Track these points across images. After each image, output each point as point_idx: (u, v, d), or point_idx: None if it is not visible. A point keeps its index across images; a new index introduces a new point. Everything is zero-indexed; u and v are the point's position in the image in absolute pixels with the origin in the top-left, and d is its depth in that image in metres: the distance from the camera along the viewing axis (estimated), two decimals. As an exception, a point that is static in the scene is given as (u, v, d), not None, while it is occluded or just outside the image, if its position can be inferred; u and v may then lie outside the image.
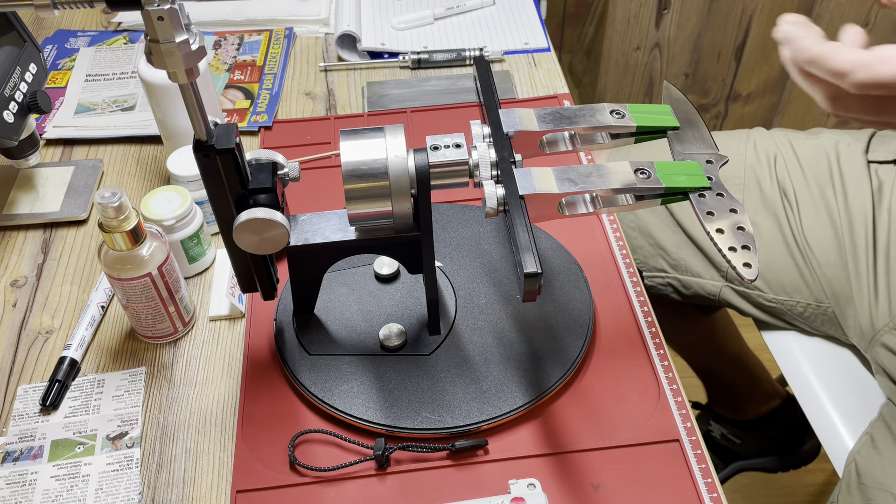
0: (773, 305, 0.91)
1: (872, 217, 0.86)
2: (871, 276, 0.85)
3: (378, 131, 0.58)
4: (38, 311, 0.76)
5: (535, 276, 0.49)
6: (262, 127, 0.94)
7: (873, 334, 0.84)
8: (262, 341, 0.71)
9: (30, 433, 0.66)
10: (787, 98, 1.70)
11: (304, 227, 0.63)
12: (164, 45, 0.47)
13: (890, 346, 0.81)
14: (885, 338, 0.82)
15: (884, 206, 0.86)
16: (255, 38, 1.09)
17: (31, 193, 0.86)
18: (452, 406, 0.63)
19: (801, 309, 0.90)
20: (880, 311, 0.83)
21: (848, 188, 0.88)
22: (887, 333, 0.82)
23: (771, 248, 0.90)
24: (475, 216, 0.79)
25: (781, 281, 0.90)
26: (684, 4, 1.54)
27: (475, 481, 0.60)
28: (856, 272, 0.86)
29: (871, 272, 0.85)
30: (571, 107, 0.61)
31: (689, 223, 0.93)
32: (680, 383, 0.66)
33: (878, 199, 0.86)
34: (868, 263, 0.85)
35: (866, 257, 0.85)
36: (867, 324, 0.84)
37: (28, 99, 0.79)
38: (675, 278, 0.97)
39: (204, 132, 0.54)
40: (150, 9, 0.46)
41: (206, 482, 0.63)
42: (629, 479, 0.60)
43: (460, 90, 0.98)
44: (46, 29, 1.13)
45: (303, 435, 0.63)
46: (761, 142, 0.96)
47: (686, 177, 0.57)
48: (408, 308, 0.70)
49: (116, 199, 0.62)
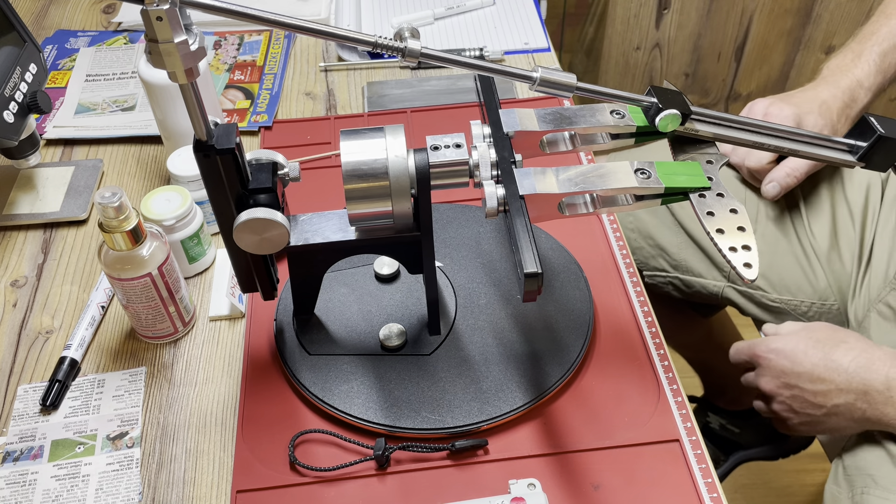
0: (777, 305, 0.91)
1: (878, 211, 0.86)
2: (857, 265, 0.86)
3: (378, 131, 0.58)
4: (38, 311, 0.76)
5: (536, 276, 0.49)
6: (262, 127, 0.94)
7: (858, 325, 0.85)
8: (262, 341, 0.71)
9: (30, 433, 0.66)
10: (787, 98, 1.70)
11: (304, 227, 0.63)
12: (163, 45, 0.47)
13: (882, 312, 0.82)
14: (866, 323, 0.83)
15: (887, 200, 0.86)
16: (256, 38, 1.09)
17: (32, 193, 0.86)
18: (452, 406, 0.63)
19: (805, 308, 0.90)
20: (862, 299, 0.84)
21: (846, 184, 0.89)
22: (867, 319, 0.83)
23: (774, 248, 0.90)
24: (475, 216, 0.79)
25: (785, 280, 0.90)
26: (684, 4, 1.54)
27: (475, 481, 0.60)
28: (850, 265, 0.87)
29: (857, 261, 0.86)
30: (572, 107, 0.61)
31: (691, 223, 0.93)
32: (680, 383, 0.66)
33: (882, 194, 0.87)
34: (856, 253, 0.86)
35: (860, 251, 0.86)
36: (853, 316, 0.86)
37: (28, 99, 0.79)
38: (676, 277, 0.97)
39: (204, 132, 0.54)
40: (150, 8, 0.46)
41: (206, 482, 0.63)
42: (629, 479, 0.60)
43: (460, 90, 0.98)
44: (46, 29, 1.13)
45: (303, 435, 0.63)
46: None
47: (686, 177, 0.57)
48: (408, 308, 0.70)
49: (116, 199, 0.62)
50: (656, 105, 0.56)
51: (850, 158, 0.61)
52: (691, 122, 0.58)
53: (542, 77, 0.53)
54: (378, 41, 0.51)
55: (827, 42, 1.58)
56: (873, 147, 0.59)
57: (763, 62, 1.64)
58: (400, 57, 0.52)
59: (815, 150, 0.61)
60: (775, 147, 0.60)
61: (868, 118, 0.60)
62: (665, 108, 0.56)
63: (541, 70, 0.53)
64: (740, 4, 1.54)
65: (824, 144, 0.61)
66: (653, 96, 0.57)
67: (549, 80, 0.54)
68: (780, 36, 1.58)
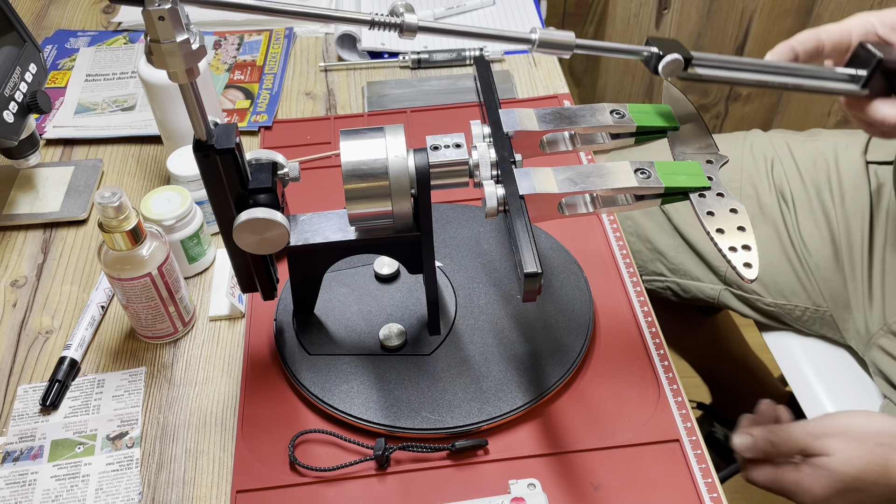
0: (772, 309, 0.91)
1: (870, 219, 0.85)
2: (866, 278, 0.84)
3: (378, 131, 0.58)
4: (38, 311, 0.76)
5: (535, 276, 0.49)
6: (262, 127, 0.94)
7: (869, 337, 0.84)
8: (262, 341, 0.71)
9: (30, 433, 0.66)
10: (787, 98, 1.70)
11: (304, 227, 0.63)
12: (164, 44, 0.47)
13: (886, 348, 0.81)
14: (880, 341, 0.82)
15: (882, 208, 0.85)
16: (255, 38, 1.09)
17: (31, 193, 0.86)
18: (452, 406, 0.63)
19: (798, 313, 0.89)
20: (875, 314, 0.83)
21: (846, 191, 0.88)
22: (882, 336, 0.82)
23: (769, 253, 0.90)
24: (475, 216, 0.79)
25: (779, 285, 0.89)
26: (684, 4, 1.54)
27: (475, 481, 0.60)
28: (852, 275, 0.85)
29: (867, 274, 0.85)
30: (571, 107, 0.61)
31: (687, 228, 0.93)
32: (680, 383, 0.66)
33: (877, 201, 0.86)
34: (863, 266, 0.85)
35: (861, 259, 0.85)
36: (863, 327, 0.84)
37: (28, 99, 0.79)
38: (673, 282, 0.96)
39: (204, 132, 0.54)
40: (152, 8, 0.46)
41: (206, 482, 0.63)
42: (629, 479, 0.60)
43: (460, 90, 0.98)
44: (46, 29, 1.13)
45: (303, 435, 0.63)
46: (758, 145, 0.95)
47: (686, 176, 0.57)
48: (408, 308, 0.70)
49: (116, 199, 0.62)
50: (656, 54, 0.57)
51: (853, 87, 0.61)
52: (693, 68, 0.58)
53: (540, 38, 0.54)
54: (375, 19, 0.51)
55: (827, 42, 1.58)
56: (874, 72, 0.60)
57: (763, 62, 1.64)
58: (398, 33, 0.52)
59: (818, 82, 0.61)
60: (779, 83, 0.60)
61: (866, 45, 0.61)
62: (666, 55, 0.56)
63: (539, 31, 0.54)
64: (740, 4, 1.54)
65: (827, 76, 0.61)
66: (652, 46, 0.57)
67: (547, 40, 0.54)
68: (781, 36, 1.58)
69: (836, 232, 0.87)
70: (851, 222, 0.86)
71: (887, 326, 0.81)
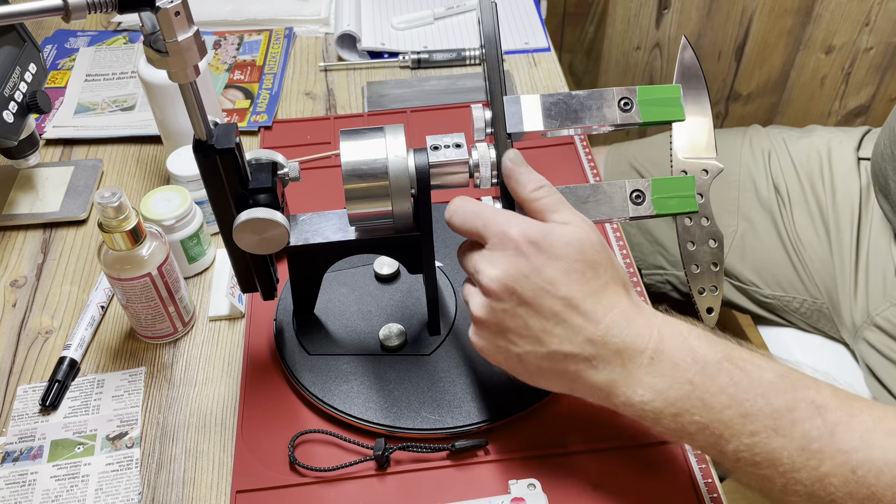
0: (770, 301, 0.92)
1: (859, 214, 0.87)
2: (853, 271, 0.85)
3: (378, 131, 0.57)
4: (37, 311, 0.76)
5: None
6: (262, 127, 0.94)
7: (856, 330, 0.85)
8: (262, 341, 0.70)
9: (29, 433, 0.66)
10: (787, 98, 1.70)
11: (304, 227, 0.63)
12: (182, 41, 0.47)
13: (870, 341, 0.82)
14: (865, 333, 0.83)
15: (870, 203, 0.87)
16: (255, 37, 1.09)
17: (31, 193, 0.86)
18: (452, 406, 0.63)
19: (797, 304, 0.90)
20: (859, 306, 0.84)
21: (837, 185, 0.89)
22: (867, 329, 0.83)
23: (766, 245, 0.91)
24: (475, 216, 0.79)
25: (777, 277, 0.90)
26: (684, 4, 1.54)
27: (475, 481, 0.60)
28: (841, 268, 0.86)
29: (854, 267, 0.86)
30: (579, 93, 0.58)
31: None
32: (680, 383, 0.66)
33: (866, 196, 0.87)
34: (851, 259, 0.86)
35: (850, 253, 0.86)
36: (849, 320, 0.85)
37: (28, 99, 0.79)
38: (673, 275, 0.97)
39: (204, 132, 0.54)
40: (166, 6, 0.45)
41: (206, 482, 0.63)
42: (629, 479, 0.60)
43: (460, 90, 0.98)
44: (46, 29, 1.13)
45: (303, 435, 0.63)
46: (757, 140, 0.97)
47: (678, 200, 0.57)
48: (408, 308, 0.70)
49: (116, 198, 0.62)
50: None
51: None
52: None
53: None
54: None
55: (827, 42, 1.58)
56: None
57: (763, 62, 1.64)
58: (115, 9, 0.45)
59: None
60: None
61: None
62: None
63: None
64: (740, 4, 1.54)
65: None
66: None
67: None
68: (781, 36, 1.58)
69: (828, 225, 0.88)
70: (841, 216, 0.87)
71: (871, 319, 0.82)
